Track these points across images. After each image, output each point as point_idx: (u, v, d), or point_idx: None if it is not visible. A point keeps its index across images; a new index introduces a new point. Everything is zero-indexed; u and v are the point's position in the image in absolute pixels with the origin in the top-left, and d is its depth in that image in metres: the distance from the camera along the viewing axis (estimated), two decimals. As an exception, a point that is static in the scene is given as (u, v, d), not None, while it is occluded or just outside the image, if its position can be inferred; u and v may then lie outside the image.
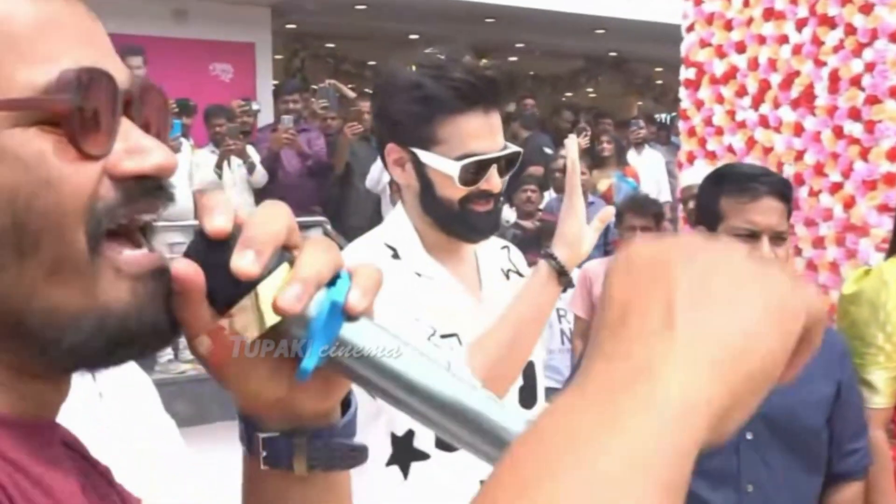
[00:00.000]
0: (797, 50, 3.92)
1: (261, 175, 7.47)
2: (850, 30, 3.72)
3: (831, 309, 3.79)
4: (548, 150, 8.34)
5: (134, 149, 0.64)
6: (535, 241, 5.77)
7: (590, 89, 16.17)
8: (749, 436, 2.36)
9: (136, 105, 0.66)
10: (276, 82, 11.24)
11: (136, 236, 0.66)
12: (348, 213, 7.82)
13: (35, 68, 0.61)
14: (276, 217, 0.67)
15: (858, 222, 3.69)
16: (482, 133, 1.77)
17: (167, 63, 8.75)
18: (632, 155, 8.77)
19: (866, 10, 3.64)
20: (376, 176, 7.28)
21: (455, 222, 1.82)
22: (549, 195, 7.24)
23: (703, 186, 2.53)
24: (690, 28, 4.41)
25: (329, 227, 7.53)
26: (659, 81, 16.04)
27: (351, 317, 0.65)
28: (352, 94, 9.22)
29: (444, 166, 1.77)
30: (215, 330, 0.65)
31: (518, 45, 14.20)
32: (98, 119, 0.62)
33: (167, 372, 6.74)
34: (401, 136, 1.81)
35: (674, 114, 9.81)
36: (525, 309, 1.77)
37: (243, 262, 0.63)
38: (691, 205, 3.89)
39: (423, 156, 1.78)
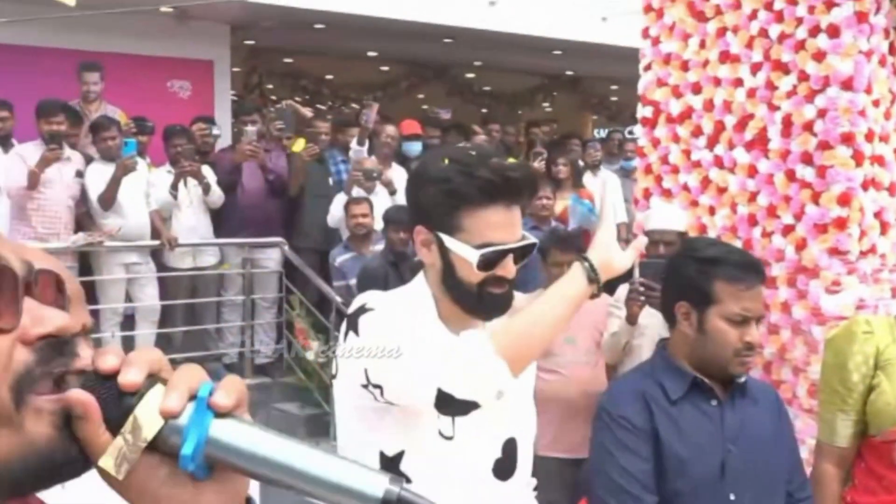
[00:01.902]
0: (752, 93, 4.01)
1: (217, 195, 7.36)
2: (804, 76, 3.81)
3: (781, 349, 3.89)
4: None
5: (36, 319, 0.79)
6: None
7: (546, 104, 16.28)
8: (732, 497, 2.43)
9: (34, 286, 0.82)
10: (234, 93, 11.17)
11: (53, 383, 0.79)
12: (298, 235, 7.77)
13: None
14: (151, 351, 0.82)
15: (809, 264, 3.78)
16: (502, 225, 1.95)
17: (125, 79, 8.68)
18: (587, 176, 8.84)
19: (819, 57, 3.73)
20: (337, 214, 7.26)
21: (472, 302, 1.99)
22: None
23: (690, 265, 2.52)
24: (648, 67, 4.48)
25: (287, 247, 7.49)
26: (614, 98, 16.20)
27: (218, 413, 0.78)
28: (309, 114, 9.19)
29: (465, 252, 1.95)
30: (114, 449, 0.77)
31: (476, 63, 14.27)
32: (5, 302, 0.78)
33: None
34: (428, 220, 1.99)
35: (630, 128, 9.86)
36: (550, 300, 1.95)
37: (128, 376, 0.78)
38: (662, 249, 3.89)
39: (448, 241, 1.96)
